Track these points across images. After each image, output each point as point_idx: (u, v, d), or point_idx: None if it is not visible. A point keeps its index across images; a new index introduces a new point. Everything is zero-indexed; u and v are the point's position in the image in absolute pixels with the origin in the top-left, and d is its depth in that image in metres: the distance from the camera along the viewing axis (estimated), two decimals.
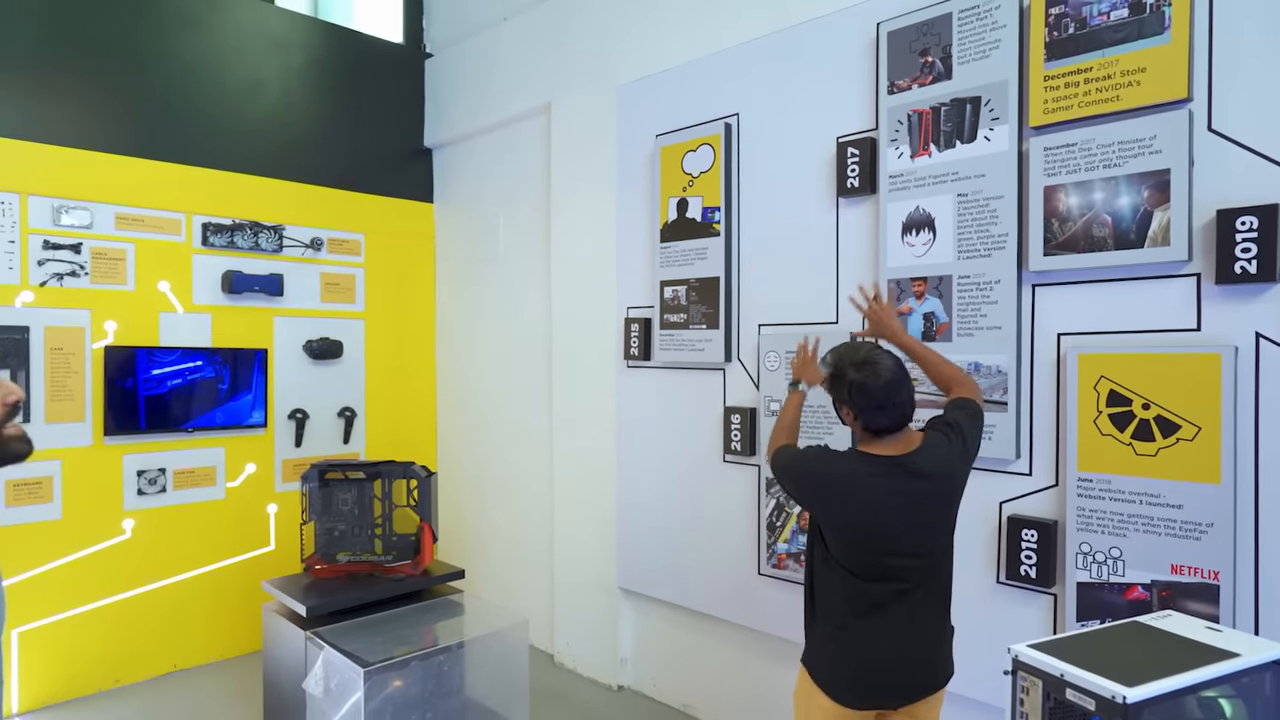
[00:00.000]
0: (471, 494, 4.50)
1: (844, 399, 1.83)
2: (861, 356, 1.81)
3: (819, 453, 1.89)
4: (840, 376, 1.82)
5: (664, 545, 3.29)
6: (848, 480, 1.80)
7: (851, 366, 1.80)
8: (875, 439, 1.83)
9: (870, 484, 1.77)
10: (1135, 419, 2.05)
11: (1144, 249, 2.02)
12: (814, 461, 1.87)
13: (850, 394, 1.79)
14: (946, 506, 1.86)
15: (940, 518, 1.85)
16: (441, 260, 4.70)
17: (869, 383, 1.77)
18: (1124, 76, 2.05)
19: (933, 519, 1.83)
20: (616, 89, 3.49)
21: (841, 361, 1.84)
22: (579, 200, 3.69)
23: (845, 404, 1.83)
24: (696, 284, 3.11)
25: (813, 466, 1.87)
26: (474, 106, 4.32)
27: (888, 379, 1.76)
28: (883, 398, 1.76)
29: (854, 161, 2.61)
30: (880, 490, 1.77)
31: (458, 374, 4.59)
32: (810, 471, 1.87)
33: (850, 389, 1.79)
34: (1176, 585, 1.99)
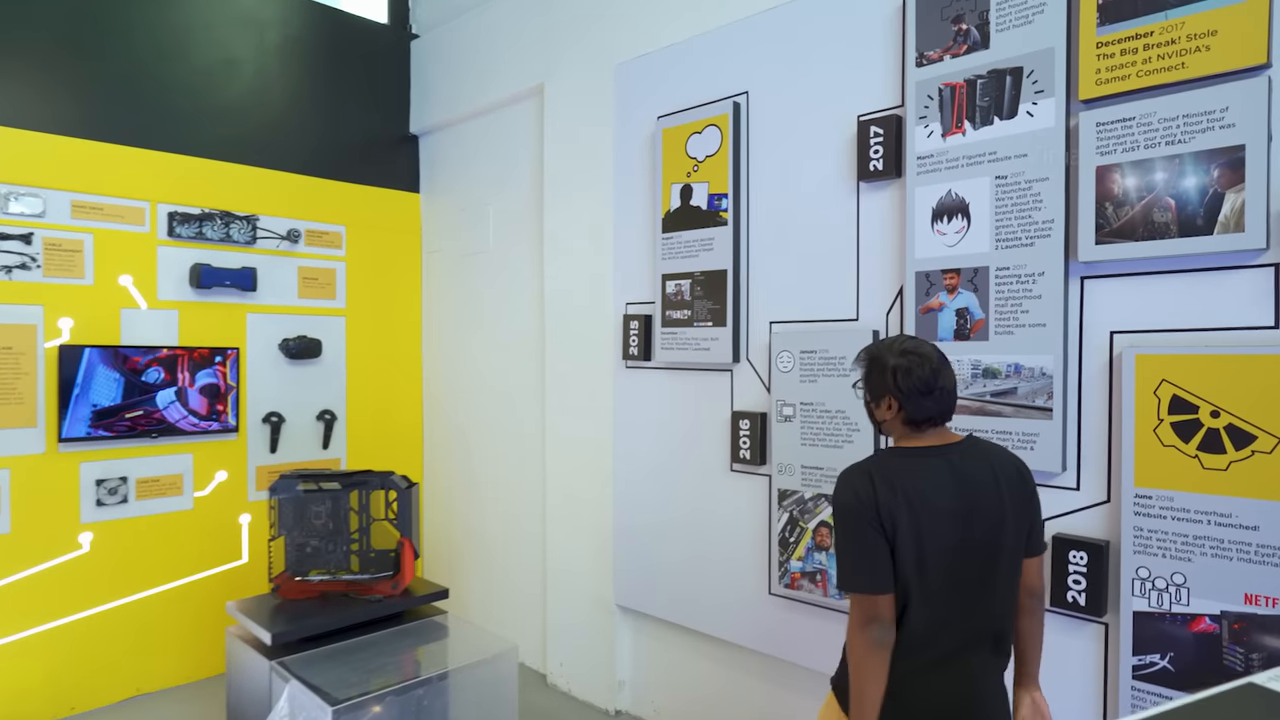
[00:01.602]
0: (459, 503, 4.25)
1: (888, 387, 1.64)
2: (902, 345, 1.65)
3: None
4: (881, 364, 1.65)
5: (665, 561, 3.05)
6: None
7: (892, 354, 1.64)
8: (917, 432, 1.65)
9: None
10: (1203, 428, 1.81)
11: (1213, 236, 1.78)
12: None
13: (895, 379, 1.62)
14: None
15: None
16: (428, 254, 4.44)
17: (915, 368, 1.61)
18: (1190, 41, 1.81)
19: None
20: (614, 68, 3.24)
21: (881, 350, 1.68)
22: (574, 188, 3.44)
23: (888, 393, 1.64)
24: (702, 277, 2.87)
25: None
26: (462, 90, 4.06)
27: (935, 363, 1.62)
28: (932, 381, 1.61)
29: (877, 142, 2.37)
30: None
31: (445, 375, 4.33)
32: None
33: (895, 374, 1.62)
34: (1251, 618, 1.75)
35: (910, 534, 1.56)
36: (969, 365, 2.17)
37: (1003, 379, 2.11)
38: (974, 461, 1.63)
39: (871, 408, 1.71)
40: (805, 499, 2.56)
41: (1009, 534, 1.62)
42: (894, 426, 1.69)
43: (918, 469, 1.61)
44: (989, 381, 2.14)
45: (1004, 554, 1.62)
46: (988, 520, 1.61)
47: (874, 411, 1.71)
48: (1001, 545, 1.62)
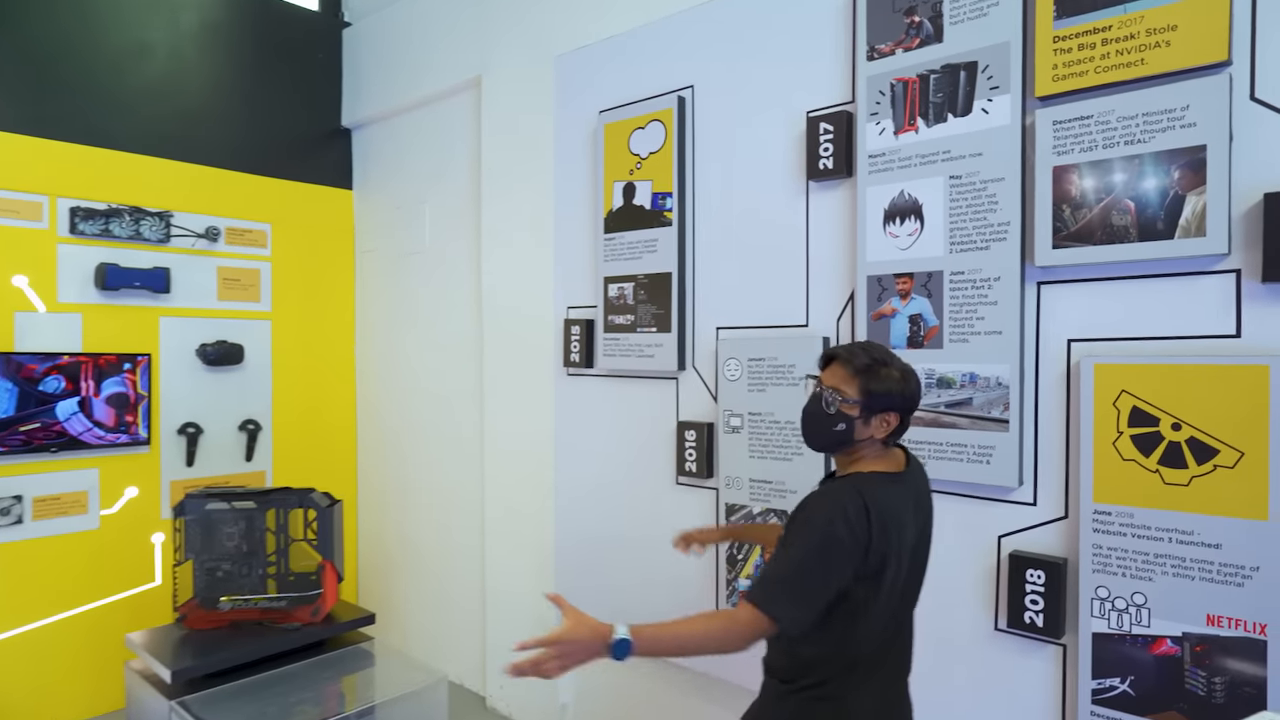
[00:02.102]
0: (395, 517, 4.03)
1: (896, 400, 1.51)
2: (887, 352, 1.57)
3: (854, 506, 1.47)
4: (889, 373, 1.52)
5: (610, 578, 2.89)
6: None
7: (895, 363, 1.55)
8: (888, 452, 1.59)
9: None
10: (1164, 441, 1.73)
11: (1174, 240, 1.70)
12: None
13: (907, 392, 1.53)
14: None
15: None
16: (361, 253, 4.21)
17: (917, 380, 1.57)
18: (1150, 36, 1.73)
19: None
20: (554, 59, 3.07)
21: (883, 356, 1.55)
22: (513, 186, 3.27)
23: (895, 408, 1.52)
24: (645, 280, 2.72)
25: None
26: (397, 81, 3.85)
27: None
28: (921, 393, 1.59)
29: (827, 139, 2.25)
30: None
31: (380, 381, 4.11)
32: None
33: (907, 386, 1.53)
34: (1214, 639, 1.67)
35: (890, 570, 1.48)
36: (923, 374, 2.06)
37: (958, 389, 2.01)
38: (921, 484, 1.63)
39: (857, 421, 1.52)
40: (754, 514, 2.43)
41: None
42: (870, 446, 1.56)
43: (898, 500, 1.51)
44: (943, 391, 2.03)
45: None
46: (927, 544, 1.63)
47: (859, 426, 1.52)
48: (925, 569, 1.65)
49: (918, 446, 2.07)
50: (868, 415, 1.52)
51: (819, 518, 1.45)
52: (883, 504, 1.46)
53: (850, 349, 1.57)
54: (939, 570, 2.08)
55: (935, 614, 2.09)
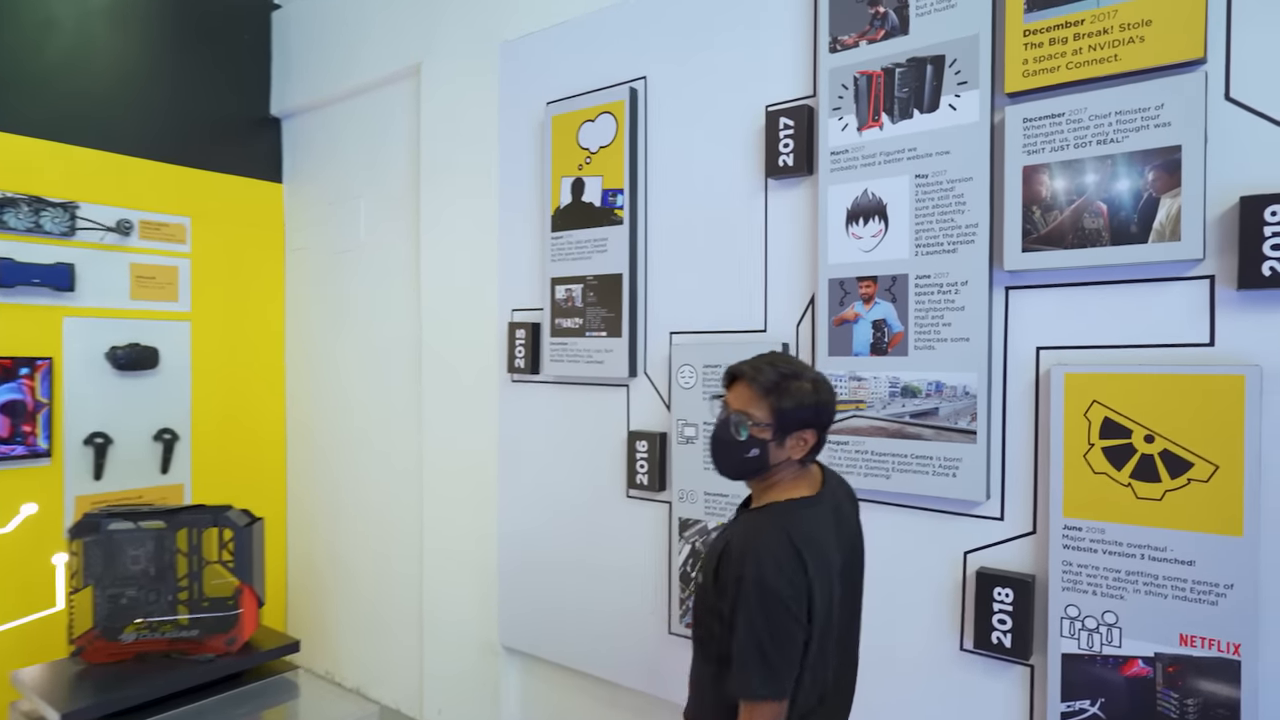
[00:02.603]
0: (327, 532, 3.78)
1: (810, 418, 1.41)
2: (800, 365, 1.46)
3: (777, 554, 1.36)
4: (803, 389, 1.40)
5: (557, 597, 2.73)
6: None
7: (808, 376, 1.42)
8: (803, 474, 1.48)
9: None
10: (1136, 454, 1.66)
11: (1148, 244, 1.63)
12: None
13: (822, 408, 1.42)
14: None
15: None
16: (291, 251, 3.96)
17: (831, 395, 1.45)
18: (1124, 31, 1.66)
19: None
20: (499, 47, 2.90)
21: (796, 369, 1.43)
22: (454, 180, 3.08)
23: (812, 426, 1.42)
24: (595, 282, 2.57)
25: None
26: (330, 67, 3.62)
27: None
28: (830, 419, 1.47)
29: (787, 135, 2.14)
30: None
31: (312, 388, 3.86)
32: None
33: (822, 401, 1.42)
34: (1187, 660, 1.61)
35: (820, 604, 1.36)
36: (887, 383, 1.97)
37: (923, 398, 1.92)
38: (841, 497, 1.54)
39: (770, 444, 1.41)
40: (709, 529, 2.30)
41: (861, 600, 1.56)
42: (787, 468, 1.45)
43: (821, 526, 1.41)
44: (908, 401, 1.94)
45: (857, 626, 1.56)
46: (859, 564, 1.52)
47: (773, 449, 1.41)
48: (862, 587, 1.56)
49: (881, 459, 1.97)
50: (781, 436, 1.41)
51: (752, 574, 1.32)
52: (808, 536, 1.37)
53: (755, 364, 1.44)
54: (902, 588, 1.99)
55: (898, 634, 1.99)
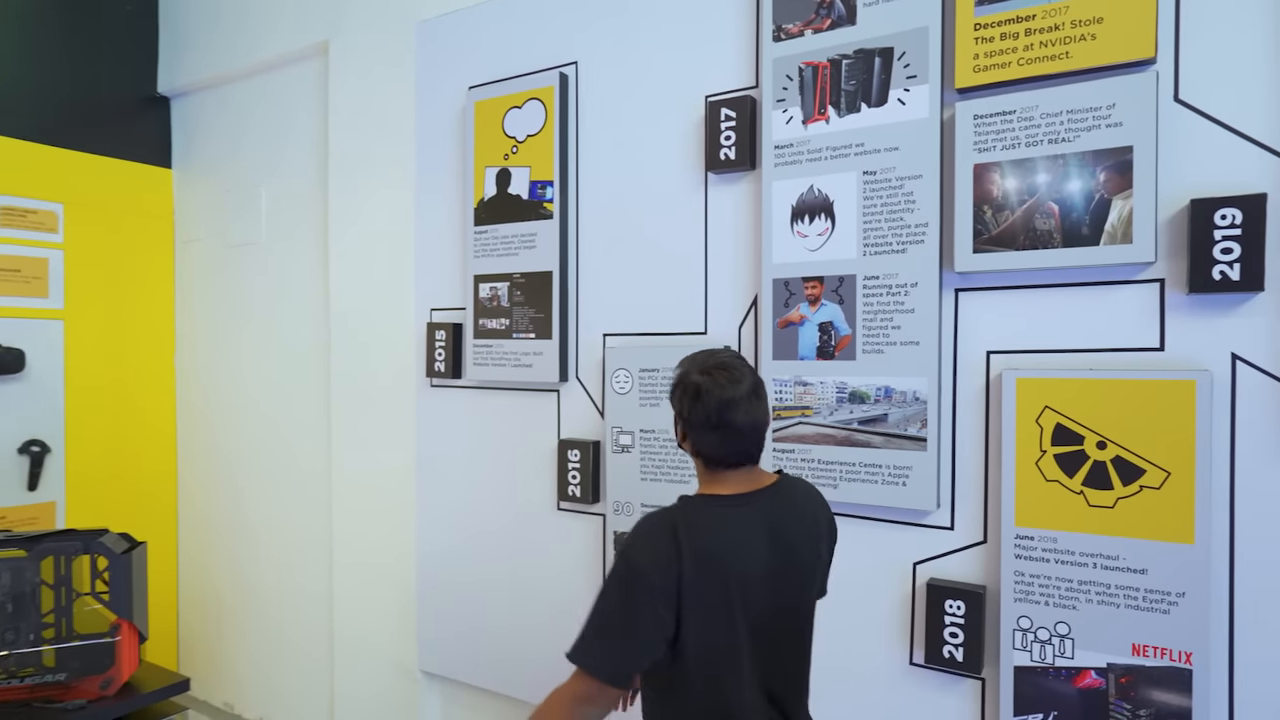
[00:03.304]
0: (227, 556, 3.46)
1: (679, 412, 1.38)
2: (715, 360, 1.39)
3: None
4: (680, 380, 1.39)
5: (481, 617, 2.55)
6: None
7: (699, 369, 1.37)
8: (718, 474, 1.40)
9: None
10: (1088, 461, 1.62)
11: (1099, 247, 1.60)
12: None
13: (683, 403, 1.36)
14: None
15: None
16: (182, 243, 3.61)
17: (708, 392, 1.33)
18: (1075, 28, 1.62)
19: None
20: (416, 26, 2.69)
21: (690, 364, 1.38)
22: (366, 168, 2.85)
23: (690, 427, 1.37)
24: (522, 280, 2.40)
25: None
26: (226, 43, 3.31)
27: (733, 393, 1.33)
28: (722, 413, 1.32)
29: (729, 127, 2.04)
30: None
31: (207, 395, 3.53)
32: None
33: (684, 395, 1.36)
34: (1139, 670, 1.58)
35: (720, 607, 1.32)
36: (834, 388, 1.89)
37: (872, 404, 1.84)
38: (788, 510, 1.42)
39: (681, 442, 1.43)
40: None
41: (815, 588, 1.48)
42: (702, 468, 1.42)
43: (734, 524, 1.35)
44: (856, 407, 1.86)
45: (811, 611, 1.47)
46: (799, 579, 1.42)
47: (686, 446, 1.42)
48: (811, 602, 1.47)
49: (829, 467, 1.89)
50: (681, 437, 1.42)
51: (628, 553, 1.33)
52: (703, 532, 1.32)
53: (691, 354, 1.44)
54: (851, 602, 1.91)
55: (847, 649, 1.92)
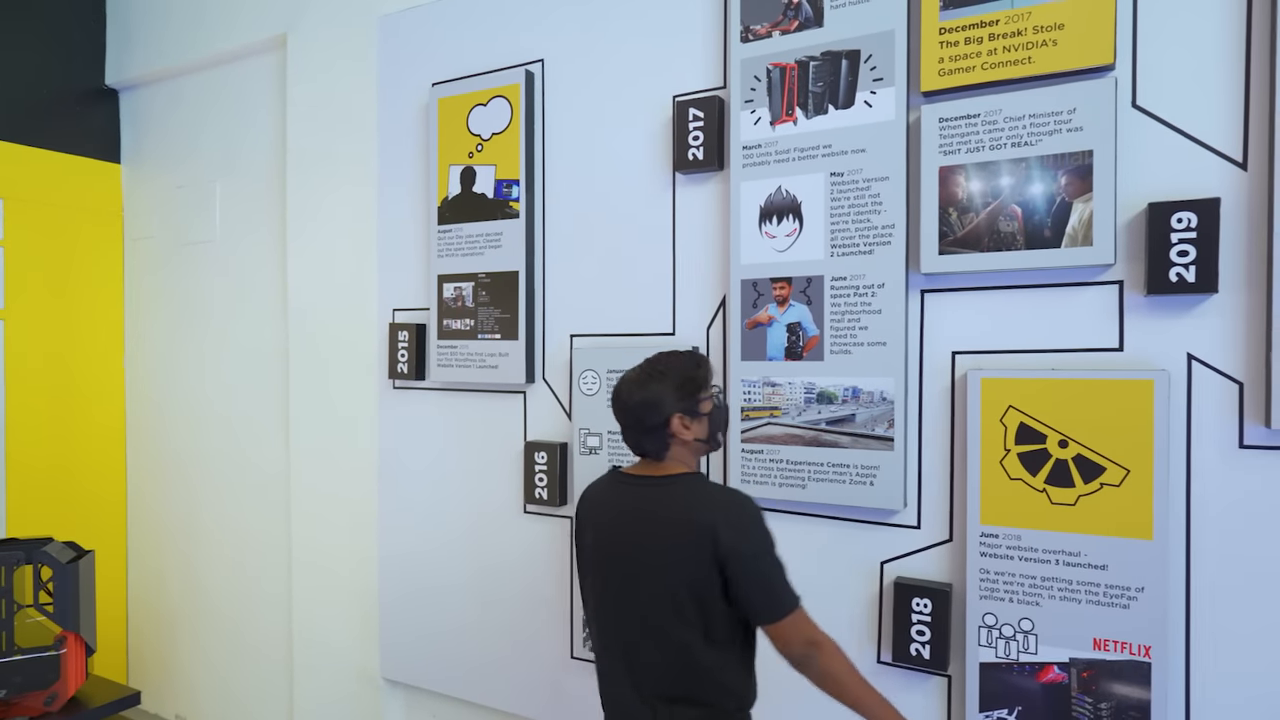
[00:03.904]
0: (180, 563, 3.35)
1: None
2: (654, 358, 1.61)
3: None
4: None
5: (446, 623, 2.50)
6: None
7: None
8: (644, 461, 1.62)
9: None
10: (1051, 459, 1.65)
11: (1061, 249, 1.63)
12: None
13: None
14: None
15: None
16: (132, 241, 3.49)
17: (618, 388, 1.58)
18: (1037, 34, 1.65)
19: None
20: (378, 20, 2.64)
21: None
22: (326, 165, 2.78)
23: None
24: (488, 280, 2.37)
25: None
26: (179, 34, 3.21)
27: (622, 379, 1.58)
28: (613, 397, 1.59)
29: (697, 127, 2.03)
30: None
31: (158, 399, 3.41)
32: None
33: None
34: (1100, 664, 1.61)
35: (587, 560, 1.64)
36: (802, 388, 1.89)
37: (839, 404, 1.85)
38: (657, 502, 1.52)
39: None
40: None
41: (664, 591, 1.48)
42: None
43: (605, 494, 1.63)
44: (824, 407, 1.87)
45: (655, 611, 1.49)
46: (647, 564, 1.50)
47: None
48: (668, 597, 1.47)
49: (797, 468, 1.90)
50: None
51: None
52: (592, 494, 1.67)
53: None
54: (819, 601, 1.90)
55: None
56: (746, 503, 1.51)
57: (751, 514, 1.49)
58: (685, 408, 1.53)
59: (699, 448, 1.60)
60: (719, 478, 2.04)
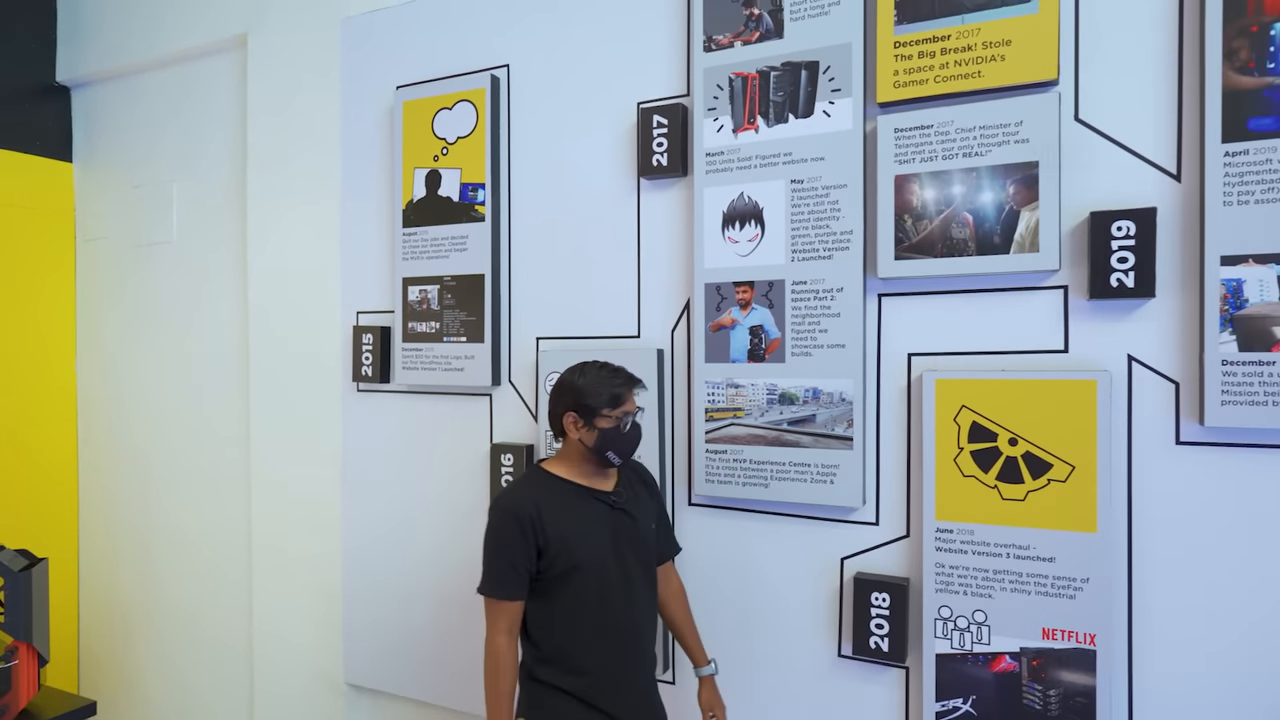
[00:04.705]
0: (135, 570, 3.28)
1: None
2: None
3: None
4: None
5: (412, 626, 2.50)
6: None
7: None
8: None
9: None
10: (1002, 457, 1.72)
11: (1010, 255, 1.70)
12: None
13: None
14: None
15: None
16: (85, 242, 3.41)
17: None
18: (987, 49, 1.72)
19: None
20: (341, 22, 2.63)
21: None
22: (288, 167, 2.76)
23: None
24: (453, 283, 2.38)
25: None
26: (135, 30, 3.15)
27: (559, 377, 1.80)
28: None
29: (661, 134, 2.07)
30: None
31: (113, 404, 3.34)
32: None
33: None
34: (1049, 653, 1.68)
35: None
36: (765, 390, 1.94)
37: (800, 405, 1.90)
38: None
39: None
40: None
41: None
42: None
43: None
44: (786, 408, 1.92)
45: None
46: None
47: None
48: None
49: (760, 467, 1.94)
50: None
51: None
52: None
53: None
54: (782, 597, 1.98)
55: (778, 643, 1.98)
56: (497, 497, 1.74)
57: (491, 505, 1.72)
58: (583, 411, 1.67)
59: (586, 453, 1.71)
60: (685, 478, 2.08)
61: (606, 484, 1.75)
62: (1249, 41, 1.53)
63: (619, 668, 1.71)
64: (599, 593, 1.68)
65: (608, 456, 1.70)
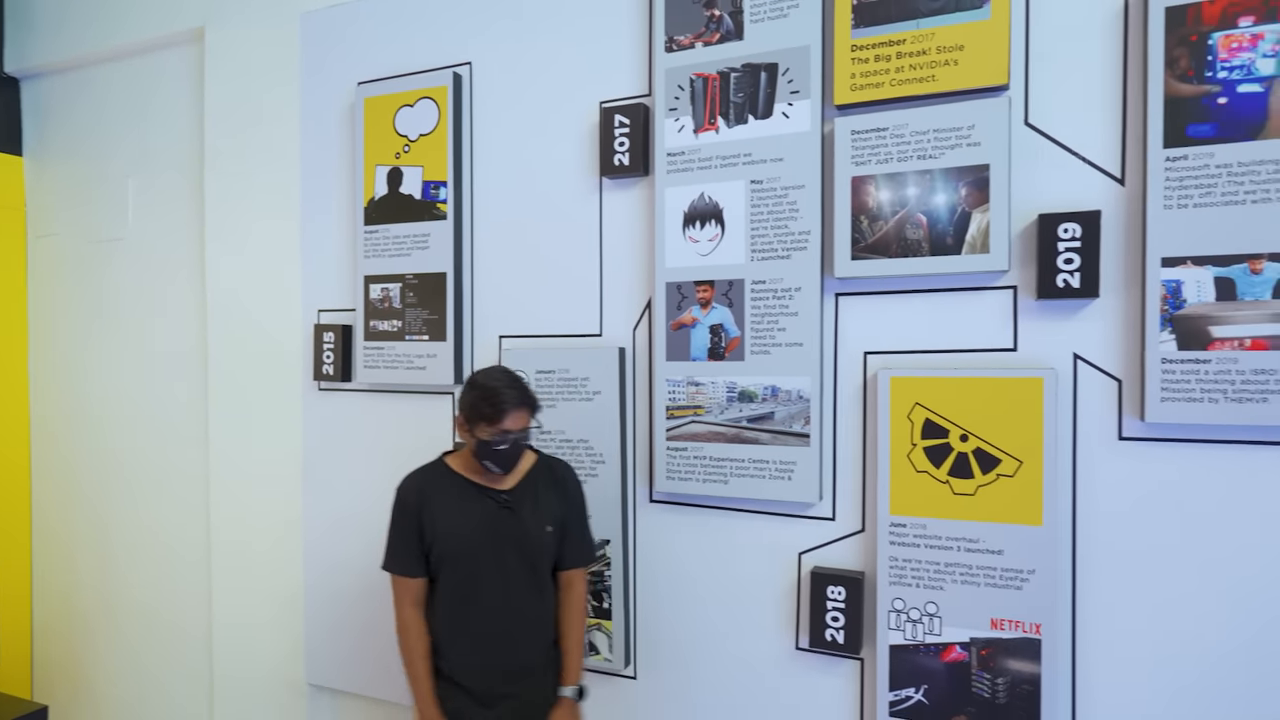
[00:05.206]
0: (91, 570, 3.22)
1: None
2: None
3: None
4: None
5: (374, 626, 2.48)
6: None
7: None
8: None
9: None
10: (953, 452, 1.76)
11: (962, 255, 1.74)
12: None
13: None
14: None
15: None
16: (36, 238, 3.33)
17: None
18: (940, 54, 1.76)
19: None
20: (300, 17, 2.60)
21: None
22: (247, 163, 2.72)
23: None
24: (415, 281, 2.37)
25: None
26: (89, 22, 3.08)
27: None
28: None
29: (623, 133, 2.08)
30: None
31: (67, 401, 3.26)
32: None
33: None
34: (997, 642, 1.73)
35: None
36: (725, 388, 1.96)
37: (759, 403, 1.93)
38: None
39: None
40: None
41: None
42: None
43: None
44: (745, 405, 1.94)
45: None
46: None
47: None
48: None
49: (720, 464, 1.97)
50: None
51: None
52: None
53: (523, 389, 1.75)
54: (740, 591, 2.01)
55: (737, 636, 2.01)
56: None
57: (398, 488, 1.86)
58: (467, 419, 1.74)
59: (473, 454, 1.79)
60: (646, 475, 2.10)
61: (501, 483, 1.81)
62: (1189, 50, 1.59)
63: (481, 663, 1.79)
64: (471, 587, 1.77)
65: (485, 465, 1.76)
